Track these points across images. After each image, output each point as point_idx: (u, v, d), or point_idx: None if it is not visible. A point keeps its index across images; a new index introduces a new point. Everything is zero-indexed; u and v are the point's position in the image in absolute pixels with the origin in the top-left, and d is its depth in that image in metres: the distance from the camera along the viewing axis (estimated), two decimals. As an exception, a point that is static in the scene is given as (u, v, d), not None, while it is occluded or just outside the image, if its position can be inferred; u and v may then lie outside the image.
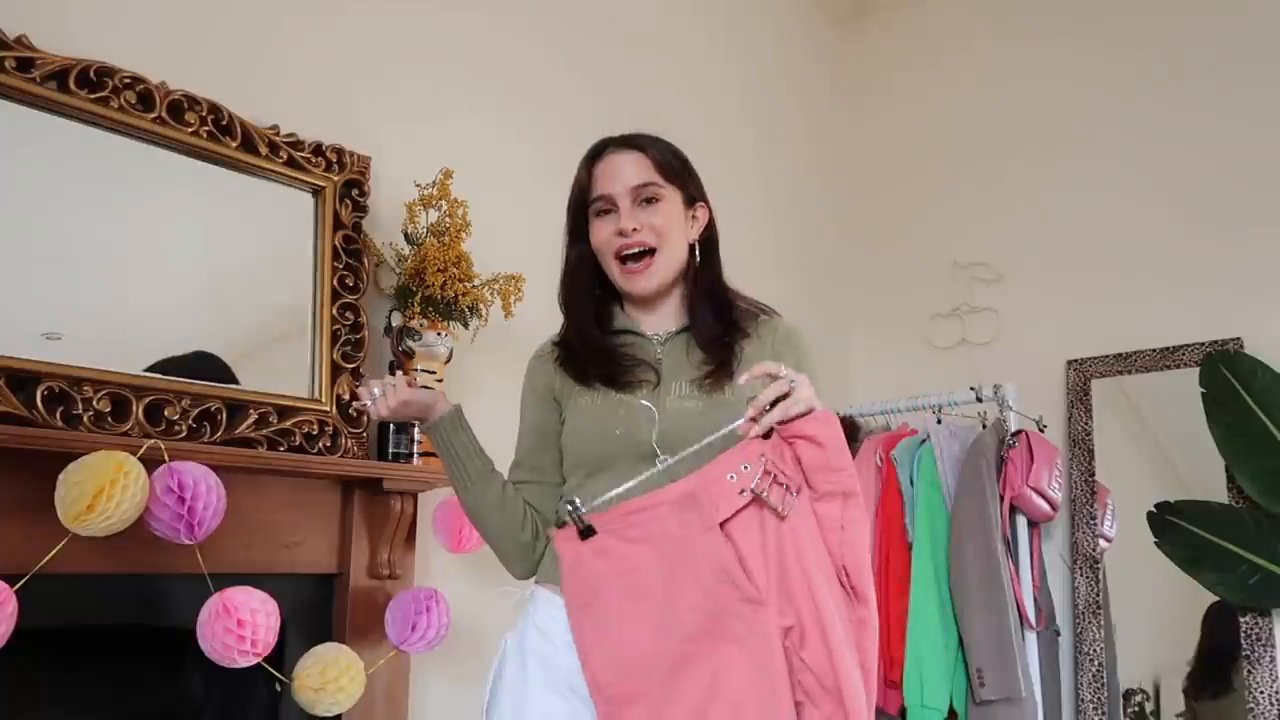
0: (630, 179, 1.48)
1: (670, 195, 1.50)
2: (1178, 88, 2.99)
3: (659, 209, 1.48)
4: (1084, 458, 2.92)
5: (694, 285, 1.54)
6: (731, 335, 1.50)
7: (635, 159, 1.50)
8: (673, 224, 1.49)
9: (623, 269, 1.49)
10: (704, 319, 1.51)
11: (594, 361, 1.50)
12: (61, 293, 1.67)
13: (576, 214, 1.54)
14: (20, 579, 1.42)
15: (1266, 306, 2.75)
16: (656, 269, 1.48)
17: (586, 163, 1.54)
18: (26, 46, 1.67)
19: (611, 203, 1.49)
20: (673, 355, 1.51)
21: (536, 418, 1.58)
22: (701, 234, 1.55)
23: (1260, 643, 2.56)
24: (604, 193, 1.49)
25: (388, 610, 1.92)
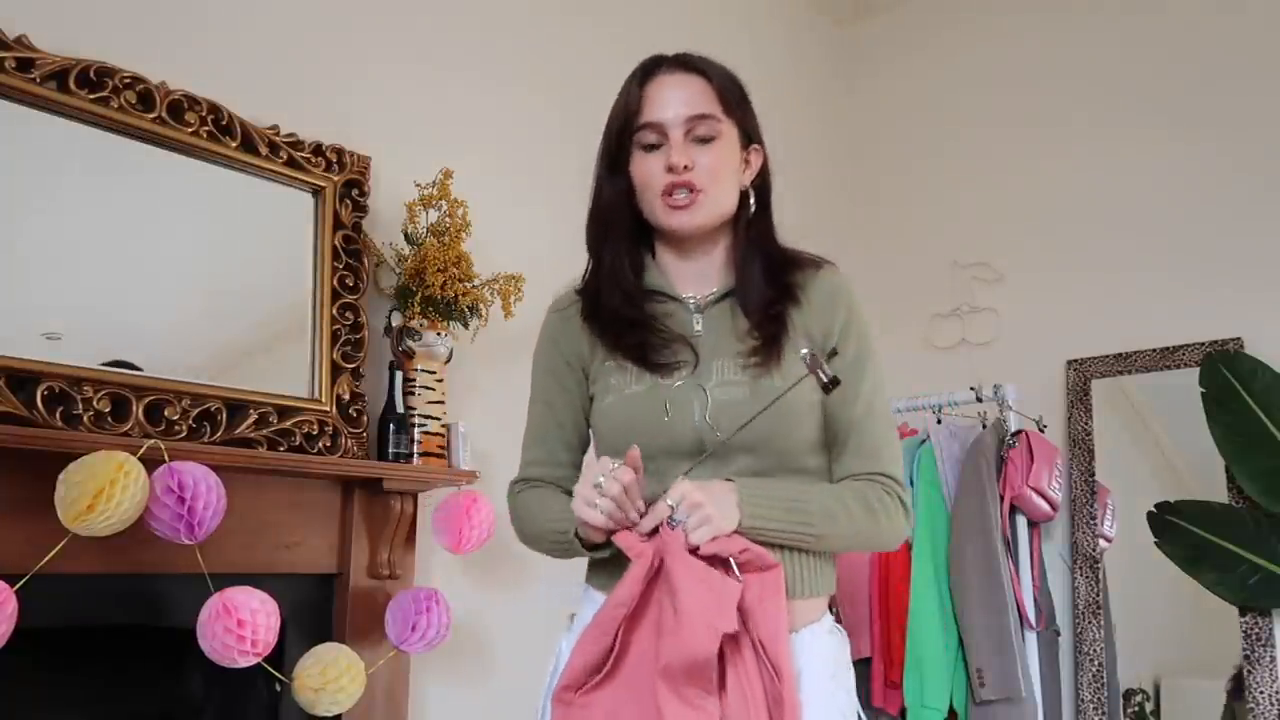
0: (687, 108, 1.28)
1: (727, 132, 1.30)
2: (1178, 88, 2.99)
3: (715, 148, 1.29)
4: (1084, 458, 2.92)
5: (743, 238, 1.34)
6: (783, 302, 1.31)
7: (694, 84, 1.30)
8: (727, 166, 1.30)
9: (666, 202, 1.28)
10: (753, 280, 1.32)
11: (626, 328, 1.31)
12: (61, 293, 1.67)
13: (618, 141, 1.33)
14: (20, 579, 1.42)
15: (1266, 306, 2.75)
16: (703, 206, 1.28)
17: (636, 81, 1.32)
18: (26, 46, 1.67)
19: (662, 133, 1.29)
20: (714, 327, 1.32)
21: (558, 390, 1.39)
22: (755, 179, 1.36)
23: (1260, 643, 2.55)
24: (654, 120, 1.29)
25: (388, 610, 1.92)
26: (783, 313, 1.30)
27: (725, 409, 1.25)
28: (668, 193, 1.28)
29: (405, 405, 2.04)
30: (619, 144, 1.33)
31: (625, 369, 1.30)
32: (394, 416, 2.01)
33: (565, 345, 1.37)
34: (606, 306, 1.34)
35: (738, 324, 1.31)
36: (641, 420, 1.27)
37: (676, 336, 1.30)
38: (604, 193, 1.36)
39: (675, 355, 1.29)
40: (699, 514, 1.14)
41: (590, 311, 1.35)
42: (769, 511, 1.19)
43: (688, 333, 1.31)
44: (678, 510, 1.15)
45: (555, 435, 1.39)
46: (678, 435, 1.26)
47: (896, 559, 2.67)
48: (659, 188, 1.29)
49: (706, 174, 1.28)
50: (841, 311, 1.32)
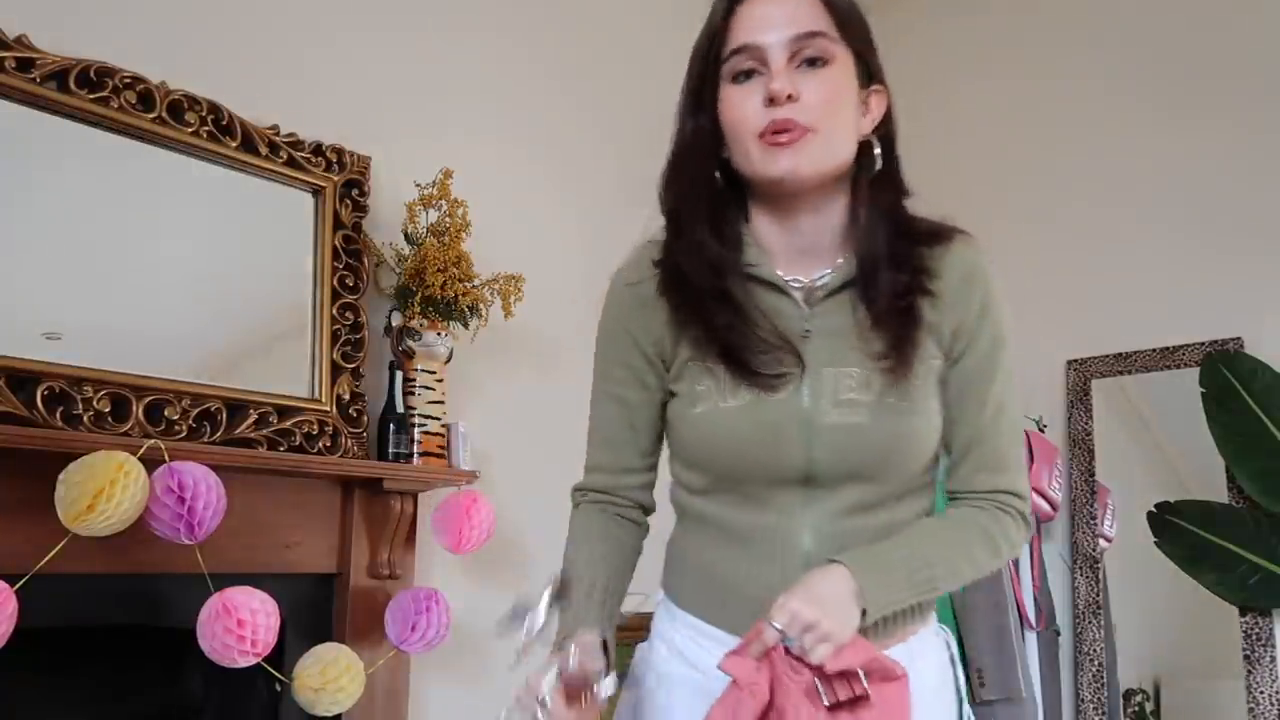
0: (791, 25, 1.02)
1: (843, 59, 1.04)
2: (1178, 88, 2.99)
3: (827, 75, 1.02)
4: (1084, 458, 2.92)
5: (864, 203, 1.07)
6: (915, 291, 1.05)
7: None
8: (843, 99, 1.03)
9: (766, 140, 1.01)
10: (879, 260, 1.05)
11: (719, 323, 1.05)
12: (61, 293, 1.67)
13: (704, 74, 1.07)
14: (20, 579, 1.42)
15: (1266, 306, 2.74)
16: (812, 147, 1.01)
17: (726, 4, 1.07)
18: (26, 46, 1.67)
19: (759, 58, 1.02)
20: (829, 326, 1.06)
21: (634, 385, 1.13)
22: (877, 130, 1.08)
23: (1260, 643, 2.55)
24: (749, 42, 1.02)
25: (388, 610, 1.92)
26: (914, 305, 1.05)
27: (842, 435, 1.03)
28: (767, 131, 1.01)
29: (405, 405, 2.04)
30: (702, 77, 1.07)
31: (716, 374, 1.06)
32: (394, 416, 2.01)
33: (641, 330, 1.11)
34: (692, 289, 1.06)
35: (859, 320, 1.05)
36: (740, 444, 1.05)
37: (782, 336, 1.05)
38: (684, 135, 1.09)
39: (780, 363, 1.04)
40: (814, 633, 0.94)
41: (670, 292, 1.08)
42: (892, 593, 1.01)
43: (794, 332, 1.05)
44: (787, 631, 0.95)
45: (628, 439, 1.15)
46: (783, 465, 1.05)
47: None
48: (755, 126, 1.01)
49: (817, 107, 1.00)
50: (977, 298, 1.08)
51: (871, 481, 1.06)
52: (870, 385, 1.03)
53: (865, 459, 1.04)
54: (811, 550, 1.05)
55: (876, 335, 1.04)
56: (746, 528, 1.07)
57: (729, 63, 1.04)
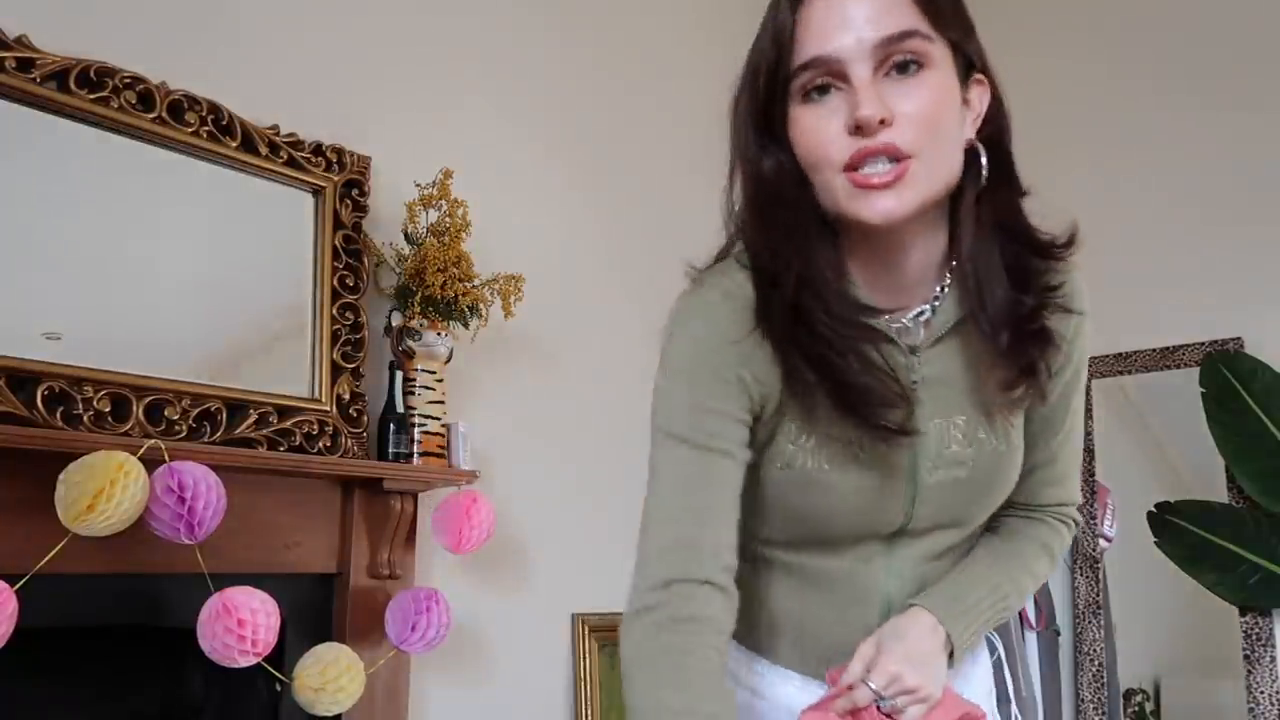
0: (873, 26, 0.83)
1: (940, 58, 0.85)
2: (1178, 87, 2.99)
3: (923, 82, 0.84)
4: (1084, 458, 2.92)
5: (973, 219, 0.89)
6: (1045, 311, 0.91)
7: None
8: (945, 110, 0.85)
9: (855, 179, 0.84)
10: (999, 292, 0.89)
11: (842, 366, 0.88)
12: (61, 293, 1.67)
13: (768, 93, 0.87)
14: (20, 579, 1.42)
15: (1266, 306, 2.75)
16: (916, 181, 0.84)
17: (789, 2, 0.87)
18: (27, 46, 1.67)
19: (836, 72, 0.84)
20: (937, 371, 0.93)
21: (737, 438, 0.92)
22: (983, 128, 0.91)
23: (1260, 643, 2.55)
24: (823, 53, 0.83)
25: (388, 610, 1.92)
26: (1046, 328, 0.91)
27: (944, 492, 0.95)
28: (855, 165, 0.83)
29: (405, 405, 2.04)
30: (770, 96, 0.87)
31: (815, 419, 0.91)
32: (394, 416, 2.01)
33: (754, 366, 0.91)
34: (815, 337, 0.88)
35: (969, 361, 0.92)
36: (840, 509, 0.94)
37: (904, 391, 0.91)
38: (761, 174, 0.90)
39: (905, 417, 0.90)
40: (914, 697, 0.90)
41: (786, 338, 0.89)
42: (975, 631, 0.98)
43: (902, 380, 0.91)
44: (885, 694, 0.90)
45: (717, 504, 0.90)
46: (881, 525, 0.96)
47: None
48: (839, 159, 0.84)
49: (916, 127, 0.83)
50: (1073, 320, 0.96)
51: (961, 527, 1.00)
52: (973, 433, 0.93)
53: (962, 510, 0.98)
54: (892, 595, 0.99)
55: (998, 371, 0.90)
56: (821, 573, 0.98)
57: (800, 78, 0.85)
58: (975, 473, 0.95)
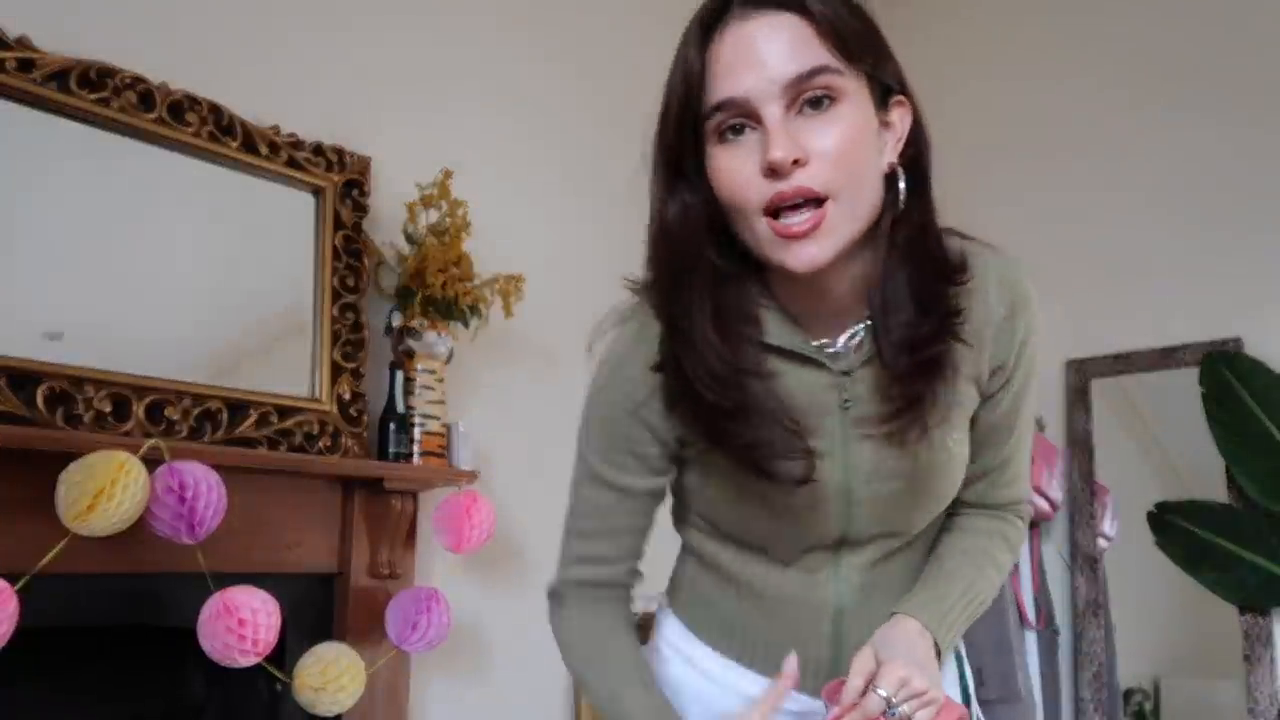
0: (782, 64, 0.82)
1: (854, 91, 0.85)
2: (1178, 87, 2.99)
3: (837, 116, 0.83)
4: (1084, 457, 2.92)
5: (889, 245, 0.89)
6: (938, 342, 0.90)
7: (788, 26, 0.83)
8: (861, 143, 0.84)
9: (776, 228, 0.84)
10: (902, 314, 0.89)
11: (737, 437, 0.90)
12: (61, 293, 1.67)
13: (679, 136, 0.87)
14: (20, 579, 1.42)
15: (1266, 306, 2.75)
16: (836, 225, 0.83)
17: (697, 39, 0.86)
18: (27, 47, 1.67)
19: (749, 112, 0.83)
20: (870, 394, 0.93)
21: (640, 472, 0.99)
22: (903, 151, 0.90)
23: (1260, 643, 2.55)
24: (732, 96, 0.83)
25: (388, 610, 1.92)
26: (938, 357, 0.90)
27: (880, 505, 0.97)
28: (773, 211, 0.83)
29: (405, 405, 2.04)
30: (681, 138, 0.87)
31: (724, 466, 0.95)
32: (394, 416, 2.01)
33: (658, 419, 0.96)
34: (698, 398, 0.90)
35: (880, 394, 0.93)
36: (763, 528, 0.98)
37: (807, 415, 0.92)
38: (666, 218, 0.90)
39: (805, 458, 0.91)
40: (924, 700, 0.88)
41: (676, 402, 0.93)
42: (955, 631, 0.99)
43: (829, 405, 0.93)
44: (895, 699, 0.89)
45: (626, 527, 1.02)
46: (816, 538, 0.99)
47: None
48: (758, 202, 0.83)
49: (832, 164, 0.82)
50: (1021, 330, 0.95)
51: (904, 534, 1.01)
52: (909, 445, 0.92)
53: (903, 520, 0.99)
54: (843, 602, 1.01)
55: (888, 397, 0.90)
56: (770, 584, 1.00)
57: (713, 120, 0.85)
58: (914, 484, 0.96)
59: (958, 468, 0.98)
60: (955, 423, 0.95)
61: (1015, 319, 0.95)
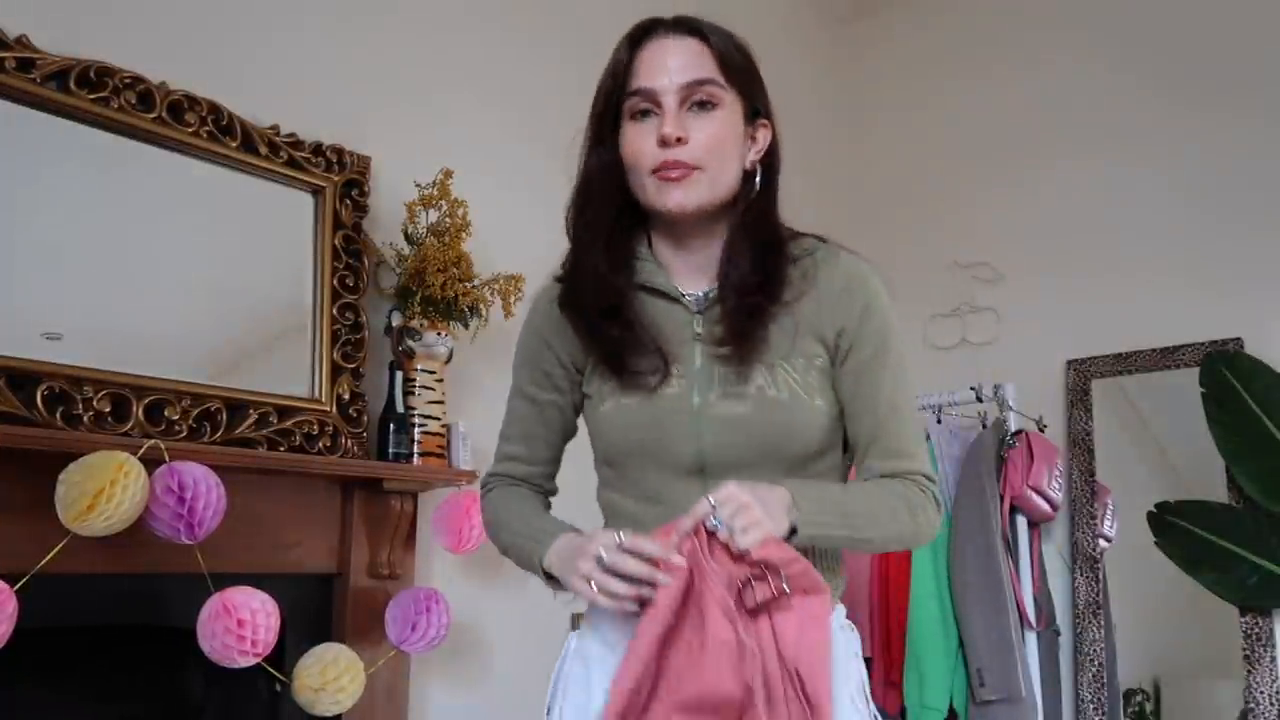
0: (682, 73, 1.15)
1: (730, 102, 1.17)
2: (1178, 87, 2.99)
3: (713, 117, 1.15)
4: (1084, 458, 2.92)
5: (737, 224, 1.19)
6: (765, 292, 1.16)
7: (691, 48, 1.17)
8: (728, 140, 1.16)
9: (659, 176, 1.15)
10: (738, 268, 1.17)
11: (601, 332, 1.19)
12: (61, 293, 1.67)
13: (605, 110, 1.20)
14: (20, 579, 1.42)
15: (1266, 306, 2.75)
16: (698, 183, 1.14)
17: (628, 44, 1.20)
18: (27, 47, 1.67)
19: (654, 100, 1.15)
20: (714, 327, 1.18)
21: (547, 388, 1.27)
22: (761, 157, 1.21)
23: (1260, 643, 2.55)
24: (646, 86, 1.15)
25: (388, 610, 1.92)
26: (761, 305, 1.16)
27: (727, 425, 1.15)
28: (659, 169, 1.14)
29: (405, 405, 2.04)
30: (606, 114, 1.20)
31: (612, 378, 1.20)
32: (394, 416, 2.01)
33: (556, 339, 1.25)
34: (580, 305, 1.20)
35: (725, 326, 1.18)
36: (636, 436, 1.18)
37: (669, 341, 1.18)
38: (589, 167, 1.21)
39: (661, 363, 1.17)
40: (747, 515, 1.02)
41: (567, 309, 1.22)
42: (823, 517, 1.09)
43: (685, 336, 1.18)
44: (720, 510, 1.02)
45: (539, 435, 1.29)
46: (676, 453, 1.17)
47: (896, 559, 2.67)
48: (649, 163, 1.15)
49: (704, 147, 1.14)
50: (858, 304, 1.18)
51: (759, 468, 1.14)
52: (748, 374, 1.15)
53: (750, 446, 1.15)
54: None
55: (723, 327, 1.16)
56: (649, 520, 1.14)
57: (629, 102, 1.17)
58: (756, 412, 1.15)
59: (803, 411, 1.16)
60: (798, 368, 1.17)
61: (853, 295, 1.19)
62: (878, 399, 1.18)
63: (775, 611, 1.04)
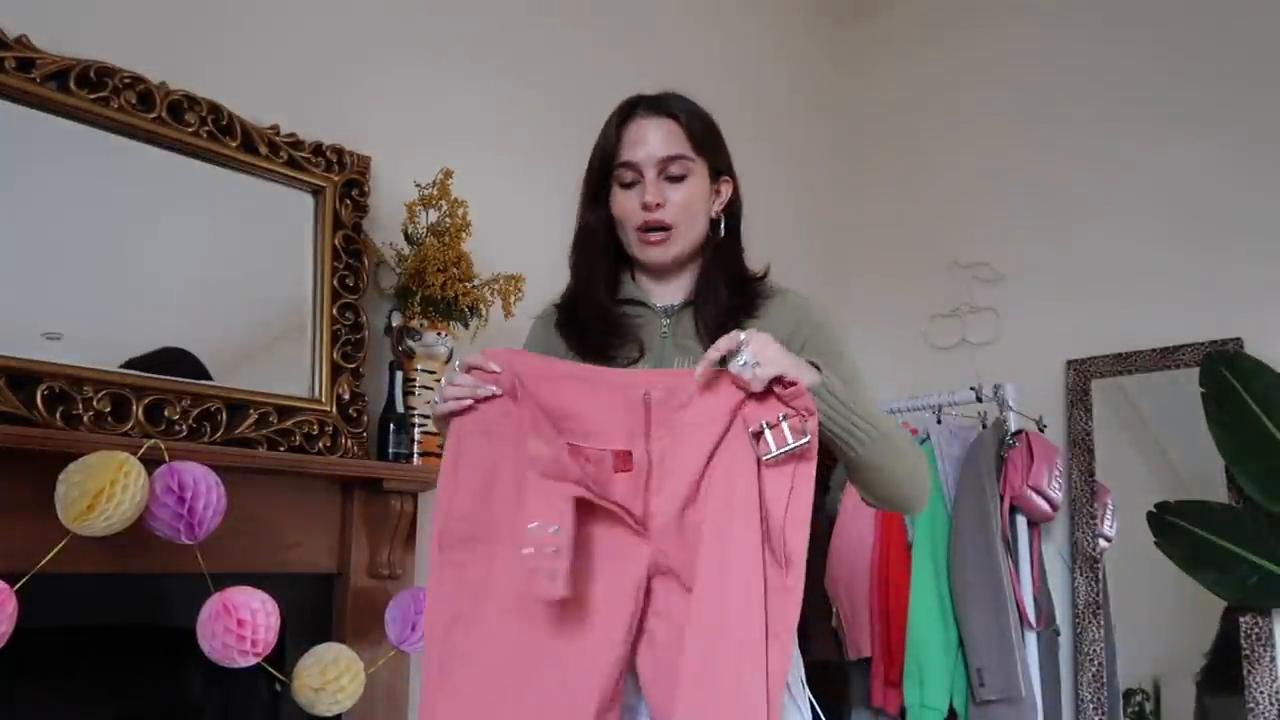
0: (659, 149, 1.41)
1: (698, 170, 1.44)
2: (1178, 87, 2.99)
3: (685, 185, 1.42)
4: (1084, 458, 2.92)
5: (710, 260, 1.47)
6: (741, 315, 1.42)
7: (666, 126, 1.43)
8: (697, 201, 1.43)
9: (641, 237, 1.43)
10: (714, 293, 1.44)
11: (594, 330, 1.44)
12: (61, 293, 1.68)
13: (599, 176, 1.47)
14: (20, 579, 1.42)
15: (1266, 306, 2.75)
16: (674, 242, 1.43)
17: (616, 122, 1.46)
18: (27, 46, 1.67)
19: (637, 171, 1.42)
20: (680, 328, 1.45)
21: None
22: (724, 208, 1.49)
23: (1260, 643, 2.56)
24: (630, 160, 1.42)
25: (388, 610, 1.92)
26: (736, 320, 1.38)
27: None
28: (643, 229, 1.42)
29: (405, 405, 2.04)
30: (600, 178, 1.46)
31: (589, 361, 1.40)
32: (394, 416, 2.01)
33: (539, 347, 1.50)
34: (579, 318, 1.46)
35: (700, 330, 1.42)
36: None
37: (642, 335, 1.43)
38: (588, 222, 1.48)
39: (635, 350, 1.42)
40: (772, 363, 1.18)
41: (564, 320, 1.48)
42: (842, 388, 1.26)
43: (656, 335, 1.45)
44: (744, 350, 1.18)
45: None
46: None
47: (896, 559, 2.67)
48: (635, 223, 1.42)
49: (677, 210, 1.41)
50: (803, 321, 1.43)
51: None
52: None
53: None
54: None
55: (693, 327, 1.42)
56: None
57: (618, 171, 1.43)
58: None
59: None
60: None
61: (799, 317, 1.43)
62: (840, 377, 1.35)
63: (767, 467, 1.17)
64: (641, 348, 1.43)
